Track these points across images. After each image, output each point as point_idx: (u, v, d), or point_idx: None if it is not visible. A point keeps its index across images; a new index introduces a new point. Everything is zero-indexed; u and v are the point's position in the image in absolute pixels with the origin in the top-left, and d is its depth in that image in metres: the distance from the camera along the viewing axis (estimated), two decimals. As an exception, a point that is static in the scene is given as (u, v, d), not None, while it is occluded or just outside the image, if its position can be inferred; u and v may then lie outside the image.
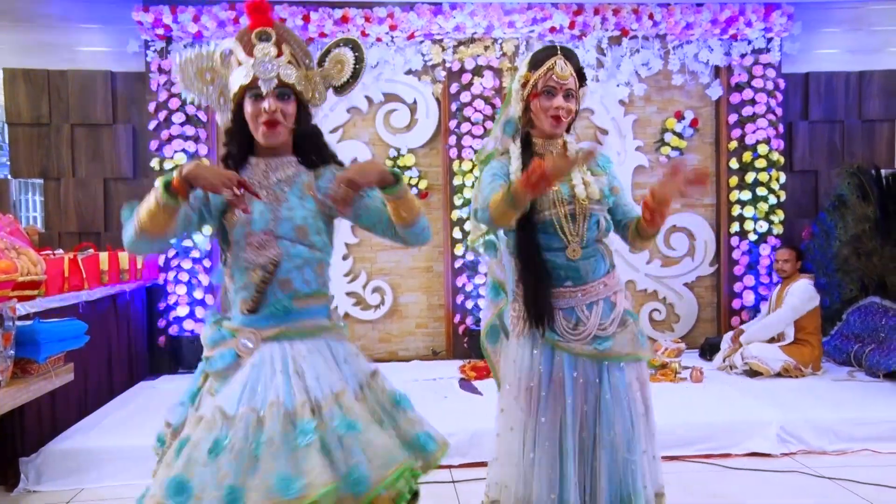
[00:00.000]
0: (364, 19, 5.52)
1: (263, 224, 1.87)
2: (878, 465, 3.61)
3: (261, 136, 1.90)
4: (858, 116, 6.14)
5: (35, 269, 3.28)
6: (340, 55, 2.03)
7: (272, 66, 1.87)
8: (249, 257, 1.86)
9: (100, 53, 5.74)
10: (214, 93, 2.02)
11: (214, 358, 1.85)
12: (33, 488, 3.46)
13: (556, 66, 2.14)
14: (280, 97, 1.88)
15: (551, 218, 2.16)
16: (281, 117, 1.88)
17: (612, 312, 2.20)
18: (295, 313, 1.88)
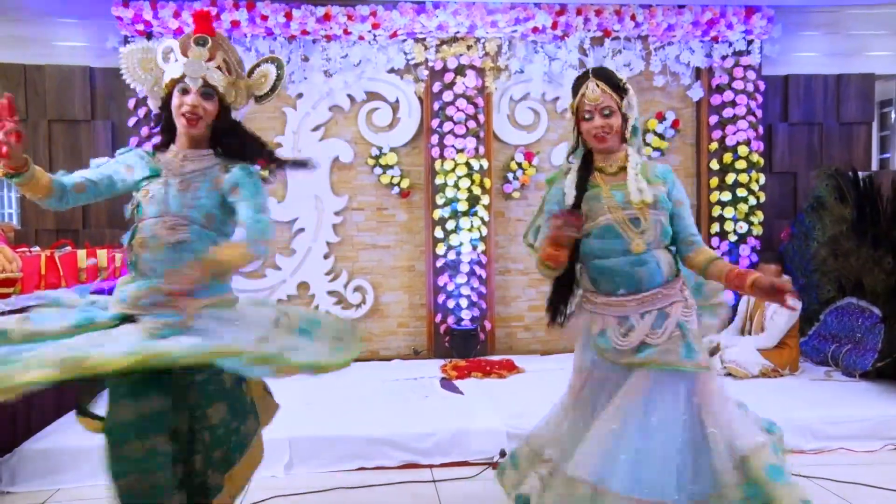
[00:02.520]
0: (346, 17, 5.50)
1: (177, 208, 2.15)
2: (855, 464, 3.66)
3: (181, 126, 2.18)
4: (836, 119, 6.22)
5: (11, 267, 3.24)
6: (265, 70, 2.32)
7: (200, 67, 2.15)
8: (160, 233, 2.14)
9: (78, 48, 5.67)
10: (150, 81, 2.29)
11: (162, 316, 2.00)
12: (8, 489, 3.40)
13: (587, 89, 2.29)
14: (203, 95, 2.16)
15: (609, 223, 2.27)
16: (201, 112, 2.16)
17: (665, 322, 2.24)
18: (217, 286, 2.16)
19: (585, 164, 2.37)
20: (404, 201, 5.87)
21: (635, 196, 2.25)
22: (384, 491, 3.34)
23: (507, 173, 5.88)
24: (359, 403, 4.26)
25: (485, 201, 5.67)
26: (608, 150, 2.34)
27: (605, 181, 2.32)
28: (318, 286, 5.77)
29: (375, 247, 5.88)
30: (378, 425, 3.78)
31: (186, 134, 2.20)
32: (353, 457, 3.63)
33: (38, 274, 3.82)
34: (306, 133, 5.70)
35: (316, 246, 5.77)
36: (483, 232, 5.68)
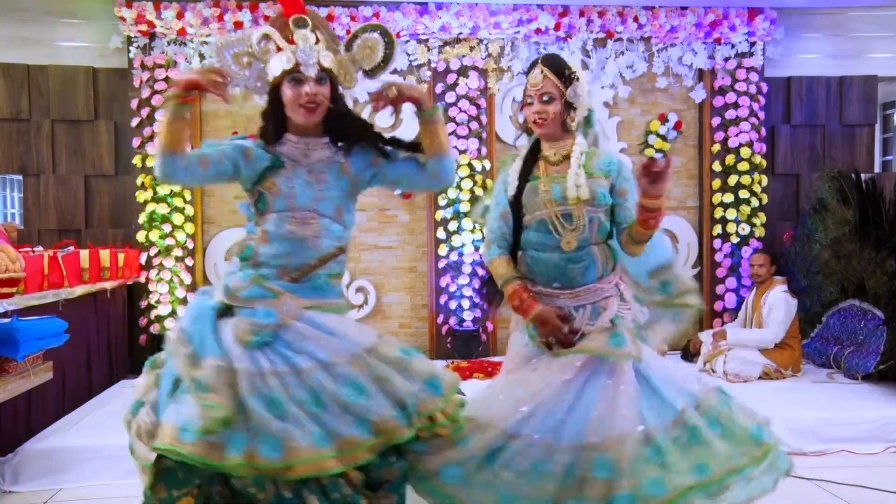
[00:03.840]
0: (350, 18, 5.50)
1: (306, 201, 2.07)
2: (856, 466, 3.65)
3: (301, 117, 2.07)
4: (839, 121, 6.21)
5: (14, 267, 3.24)
6: (370, 40, 2.18)
7: (312, 52, 2.04)
8: (294, 230, 2.06)
9: (81, 49, 5.67)
10: (252, 77, 2.13)
11: (257, 312, 1.99)
12: (10, 489, 3.41)
13: (530, 76, 2.34)
14: (318, 81, 2.06)
15: (544, 217, 2.27)
16: (321, 99, 2.07)
17: (600, 316, 2.25)
18: (329, 290, 2.12)
19: (532, 152, 2.38)
20: (406, 202, 5.87)
21: (571, 192, 2.24)
22: (386, 492, 3.33)
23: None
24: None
25: (487, 202, 5.66)
26: (548, 137, 2.34)
27: (546, 171, 2.31)
28: (320, 287, 5.76)
29: (377, 247, 5.89)
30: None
31: (305, 123, 2.09)
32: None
33: (40, 274, 3.83)
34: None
35: (318, 246, 5.76)
36: (485, 233, 5.66)
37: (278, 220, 2.07)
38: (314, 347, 1.98)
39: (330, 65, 2.09)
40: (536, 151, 2.37)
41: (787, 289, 4.98)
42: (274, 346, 1.97)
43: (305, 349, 1.98)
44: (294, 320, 2.00)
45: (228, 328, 1.99)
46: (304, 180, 2.09)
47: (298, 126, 2.11)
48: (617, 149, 5.94)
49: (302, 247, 2.07)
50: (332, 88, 2.12)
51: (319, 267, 2.09)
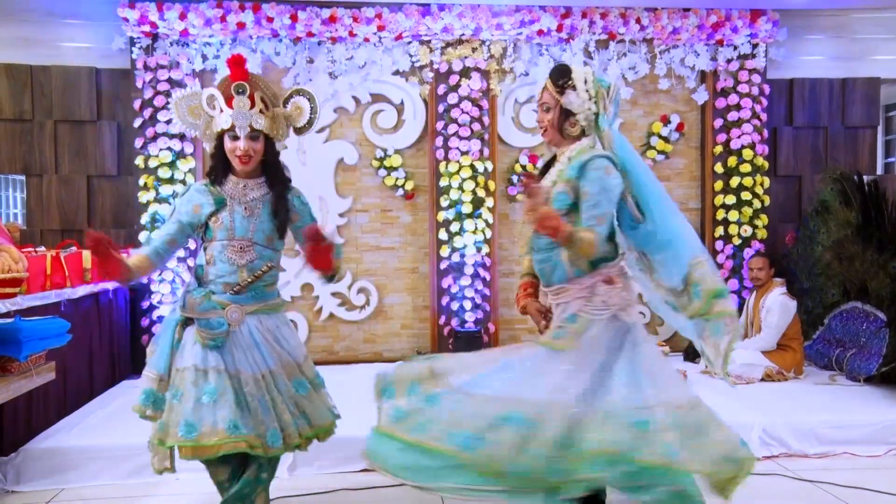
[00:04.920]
0: (352, 19, 5.51)
1: (243, 232, 2.62)
2: (859, 468, 3.65)
3: (237, 165, 2.61)
4: (842, 122, 6.20)
5: (17, 267, 3.24)
6: (299, 102, 2.73)
7: (246, 116, 2.54)
8: (233, 257, 2.61)
9: (84, 49, 5.68)
10: (202, 126, 2.67)
11: (210, 322, 2.56)
12: (12, 488, 3.42)
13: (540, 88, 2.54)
14: (252, 139, 2.57)
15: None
16: (252, 153, 2.58)
17: (563, 314, 2.40)
18: (265, 294, 2.70)
19: (551, 160, 2.57)
20: (409, 203, 5.87)
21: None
22: (388, 492, 3.34)
23: (511, 176, 5.88)
24: (363, 405, 4.25)
25: (489, 204, 5.68)
26: (553, 144, 2.53)
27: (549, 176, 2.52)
28: (321, 288, 5.77)
29: (379, 248, 5.89)
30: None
31: (242, 171, 2.63)
32: (357, 458, 3.62)
33: (43, 274, 3.83)
34: (311, 134, 5.65)
35: (320, 247, 5.77)
36: (487, 234, 5.68)
37: (221, 247, 2.61)
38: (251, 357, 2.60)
39: (261, 127, 2.56)
40: (553, 159, 2.57)
41: (785, 291, 4.98)
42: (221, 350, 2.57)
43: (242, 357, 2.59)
44: (239, 326, 2.60)
45: (190, 334, 2.59)
46: (241, 215, 2.62)
47: (240, 170, 2.64)
48: (619, 150, 5.94)
49: (239, 270, 2.62)
50: (266, 141, 2.61)
51: (255, 282, 2.63)
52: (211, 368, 2.51)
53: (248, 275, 2.60)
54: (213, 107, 2.58)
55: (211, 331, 2.54)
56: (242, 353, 2.58)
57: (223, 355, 2.55)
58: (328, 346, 5.83)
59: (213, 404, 2.46)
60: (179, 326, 2.62)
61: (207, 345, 2.54)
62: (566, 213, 2.35)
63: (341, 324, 5.84)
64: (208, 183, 2.67)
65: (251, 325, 2.62)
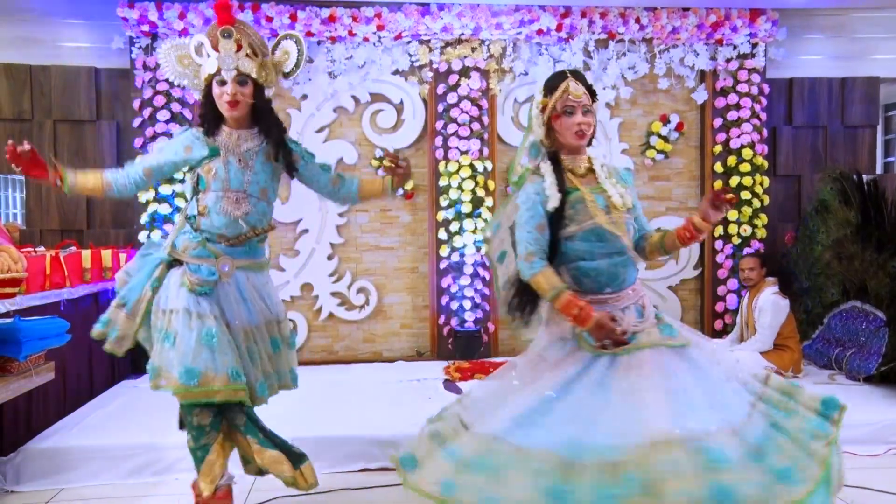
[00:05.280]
0: (351, 19, 5.51)
1: (238, 184, 2.60)
2: (859, 468, 3.64)
3: (225, 111, 2.57)
4: (841, 122, 6.21)
5: (16, 267, 3.24)
6: (286, 46, 2.68)
7: (232, 59, 2.51)
8: (228, 209, 2.59)
9: (83, 49, 5.68)
10: (190, 75, 2.65)
11: (202, 269, 2.56)
12: (12, 488, 3.41)
13: (570, 87, 2.37)
14: (240, 83, 2.53)
15: (596, 226, 2.33)
16: (240, 97, 2.53)
17: (644, 313, 2.35)
18: (257, 251, 2.73)
19: (555, 165, 2.41)
20: (408, 203, 5.87)
21: (618, 201, 2.35)
22: (387, 492, 3.33)
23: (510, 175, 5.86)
24: (362, 405, 4.27)
25: (488, 203, 5.68)
26: (575, 150, 2.42)
27: (580, 183, 2.39)
28: (321, 287, 5.77)
29: (379, 248, 5.89)
30: (381, 426, 3.78)
31: (231, 117, 2.58)
32: (356, 458, 3.63)
33: (42, 274, 3.83)
34: (311, 134, 5.71)
35: (319, 247, 5.78)
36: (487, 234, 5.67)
37: (215, 199, 2.59)
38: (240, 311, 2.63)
39: (248, 70, 2.54)
40: (557, 163, 2.41)
41: (777, 290, 4.96)
42: (210, 298, 2.57)
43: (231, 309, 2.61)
44: (229, 279, 2.60)
45: (176, 276, 2.58)
46: (236, 167, 2.60)
47: (230, 119, 2.60)
48: (618, 150, 5.95)
49: (235, 222, 2.61)
50: (255, 88, 2.58)
51: (253, 236, 2.65)
52: (206, 314, 2.51)
53: (247, 228, 2.61)
54: (200, 54, 2.57)
55: (201, 278, 2.54)
56: (231, 305, 2.60)
57: (213, 304, 2.56)
58: (328, 346, 5.83)
59: (212, 349, 2.46)
60: (163, 266, 2.62)
61: (195, 290, 2.54)
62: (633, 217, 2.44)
63: (341, 323, 5.84)
64: (201, 132, 2.65)
65: (240, 280, 2.64)
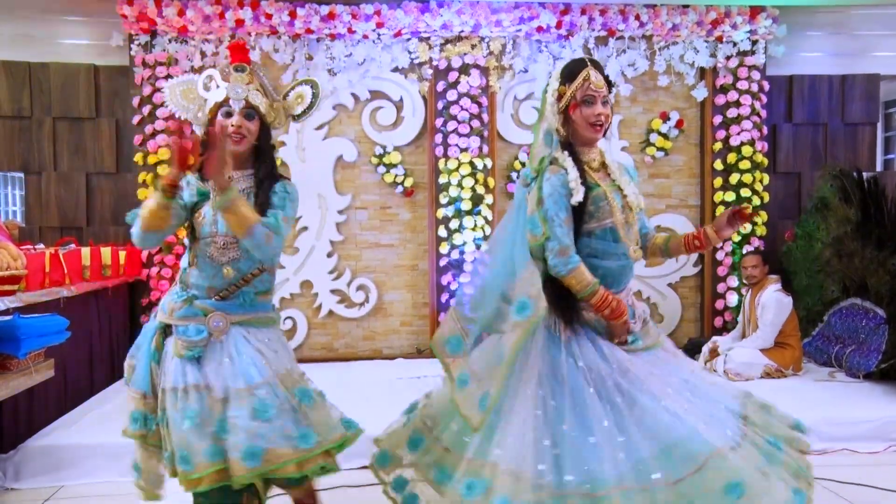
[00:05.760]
0: (351, 16, 5.50)
1: (226, 228, 2.24)
2: (858, 465, 3.65)
3: (228, 146, 2.25)
4: (841, 119, 6.21)
5: (15, 264, 3.24)
6: (301, 91, 2.48)
7: (242, 90, 2.32)
8: (215, 255, 2.27)
9: (83, 46, 5.68)
10: (194, 110, 2.43)
11: (188, 329, 2.23)
12: (12, 486, 3.41)
13: (591, 76, 2.25)
14: (247, 117, 2.31)
15: (613, 225, 2.27)
16: (245, 131, 2.30)
17: (636, 314, 2.33)
18: (256, 304, 2.34)
19: (574, 158, 2.29)
20: (408, 200, 5.87)
21: (634, 199, 2.29)
22: (387, 490, 3.33)
23: (510, 172, 5.87)
24: (362, 402, 4.26)
25: (488, 200, 5.67)
26: (590, 142, 2.32)
27: (599, 179, 2.30)
28: (321, 285, 5.77)
29: (379, 245, 5.89)
30: (382, 424, 3.76)
31: (232, 153, 2.29)
32: (356, 455, 3.59)
33: (42, 271, 3.83)
34: (310, 131, 5.70)
35: (319, 244, 5.78)
36: (486, 231, 5.68)
37: (203, 245, 2.29)
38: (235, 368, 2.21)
39: (257, 104, 2.33)
40: (576, 157, 2.30)
41: (779, 287, 4.96)
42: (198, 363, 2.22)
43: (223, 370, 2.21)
44: (224, 335, 2.25)
45: (170, 344, 2.27)
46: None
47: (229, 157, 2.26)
48: (618, 147, 5.94)
49: (222, 269, 2.28)
50: (261, 126, 2.35)
51: (244, 286, 2.30)
52: (191, 386, 2.17)
53: (234, 275, 2.27)
54: (208, 89, 2.37)
55: (188, 339, 2.22)
56: (222, 363, 2.22)
57: (201, 369, 2.21)
58: (327, 344, 5.83)
59: (196, 429, 2.13)
60: (158, 334, 2.30)
61: (184, 356, 2.20)
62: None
63: (340, 321, 5.84)
64: (195, 177, 2.34)
65: (237, 336, 2.27)
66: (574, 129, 2.30)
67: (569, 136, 2.33)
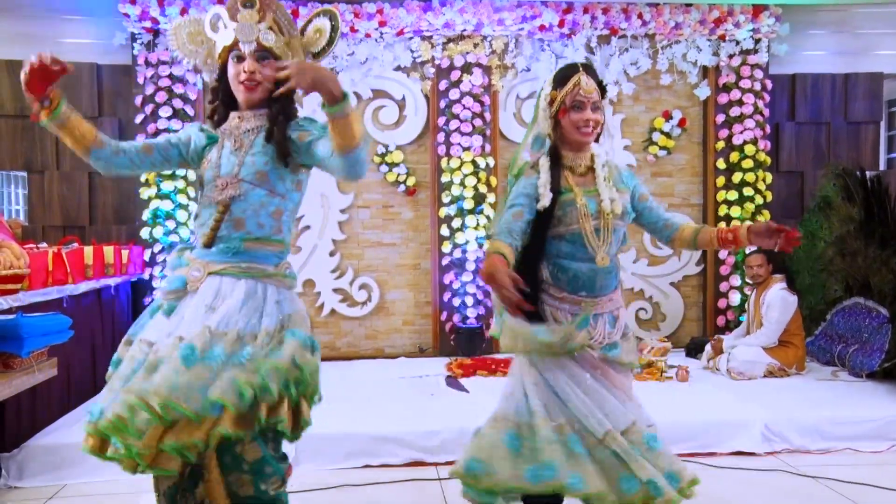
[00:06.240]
0: (353, 15, 5.50)
1: (229, 168, 2.07)
2: (861, 464, 3.65)
3: (241, 94, 2.10)
4: (844, 118, 6.19)
5: (18, 263, 3.24)
6: (319, 24, 2.22)
7: (252, 29, 2.05)
8: (212, 195, 2.07)
9: (85, 45, 5.68)
10: (202, 54, 2.22)
11: (170, 279, 2.08)
12: (15, 484, 3.42)
13: (581, 81, 2.27)
14: (259, 59, 2.07)
15: (579, 230, 2.27)
16: (259, 77, 2.07)
17: (616, 324, 2.33)
18: (243, 253, 2.05)
19: (554, 161, 2.32)
20: (410, 199, 5.87)
21: (607, 207, 2.27)
22: (390, 489, 3.34)
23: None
24: (364, 401, 4.27)
25: (490, 199, 5.67)
26: (579, 147, 2.32)
27: (576, 183, 2.30)
28: (323, 284, 5.78)
29: (381, 244, 5.89)
30: (384, 423, 3.78)
31: (247, 101, 2.12)
32: (358, 454, 3.63)
33: (45, 270, 3.83)
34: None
35: (322, 243, 5.78)
36: (488, 230, 5.68)
37: (205, 192, 2.11)
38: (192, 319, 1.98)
39: (270, 44, 2.07)
40: (556, 160, 2.33)
41: (784, 286, 4.96)
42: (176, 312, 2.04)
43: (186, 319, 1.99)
44: (198, 284, 2.04)
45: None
46: (229, 150, 2.10)
47: (243, 104, 2.14)
48: (621, 146, 5.94)
49: (213, 209, 2.07)
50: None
51: (234, 232, 2.05)
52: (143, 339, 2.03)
53: (227, 219, 2.04)
54: (216, 29, 2.14)
55: (163, 290, 2.09)
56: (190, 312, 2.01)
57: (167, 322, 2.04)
58: (330, 343, 5.83)
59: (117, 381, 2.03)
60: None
61: (163, 307, 2.07)
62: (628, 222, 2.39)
63: (343, 320, 5.84)
64: (206, 125, 2.23)
65: (213, 285, 2.03)
66: (563, 134, 2.32)
67: (558, 140, 2.35)
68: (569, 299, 2.29)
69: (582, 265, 2.28)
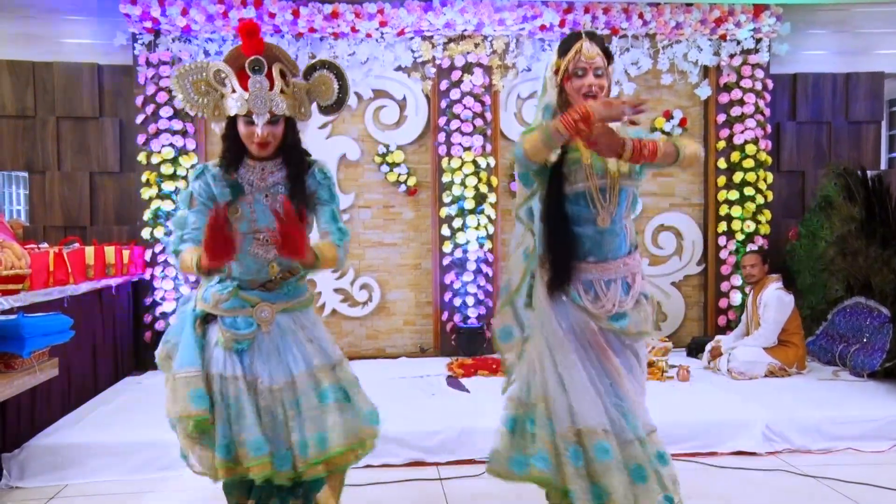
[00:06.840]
0: (354, 15, 5.50)
1: (266, 222, 2.26)
2: (862, 464, 3.64)
3: (254, 151, 2.25)
4: (845, 118, 6.19)
5: (19, 263, 3.25)
6: (326, 77, 2.30)
7: (265, 102, 2.16)
8: (259, 252, 2.28)
9: (86, 46, 5.68)
10: (209, 105, 2.28)
11: (237, 322, 2.26)
12: (16, 484, 3.42)
13: (582, 47, 2.27)
14: (271, 123, 2.20)
15: (584, 190, 2.27)
16: (271, 139, 2.22)
17: (631, 291, 2.32)
18: (297, 289, 2.37)
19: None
20: (411, 199, 5.87)
21: (613, 166, 2.26)
22: (391, 488, 3.34)
23: (513, 171, 5.86)
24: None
25: (491, 199, 5.67)
26: None
27: (583, 145, 2.26)
28: (324, 284, 5.78)
29: (382, 244, 5.89)
30: (384, 423, 3.76)
31: (259, 155, 2.27)
32: (359, 454, 3.62)
33: (46, 271, 3.83)
34: (313, 130, 5.70)
35: (322, 243, 5.77)
36: (490, 230, 5.68)
37: (244, 242, 2.26)
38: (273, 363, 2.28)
39: (282, 111, 2.19)
40: None
41: (780, 286, 4.95)
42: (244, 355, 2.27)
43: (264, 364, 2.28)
44: (270, 325, 2.29)
45: (214, 333, 2.28)
46: (262, 204, 2.27)
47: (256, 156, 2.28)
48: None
49: (266, 266, 2.30)
50: (287, 122, 2.25)
51: (289, 277, 2.33)
52: (230, 377, 2.22)
53: (280, 270, 2.29)
54: (222, 84, 2.21)
55: (237, 332, 2.24)
56: (264, 357, 2.27)
57: (243, 360, 2.26)
58: (331, 343, 5.82)
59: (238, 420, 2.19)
60: (199, 322, 2.30)
61: (231, 347, 2.24)
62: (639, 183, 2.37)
63: (344, 320, 5.84)
64: (221, 169, 2.30)
65: (283, 324, 2.31)
66: (568, 101, 2.31)
67: (564, 108, 2.31)
68: (579, 267, 2.30)
69: (586, 228, 2.29)
